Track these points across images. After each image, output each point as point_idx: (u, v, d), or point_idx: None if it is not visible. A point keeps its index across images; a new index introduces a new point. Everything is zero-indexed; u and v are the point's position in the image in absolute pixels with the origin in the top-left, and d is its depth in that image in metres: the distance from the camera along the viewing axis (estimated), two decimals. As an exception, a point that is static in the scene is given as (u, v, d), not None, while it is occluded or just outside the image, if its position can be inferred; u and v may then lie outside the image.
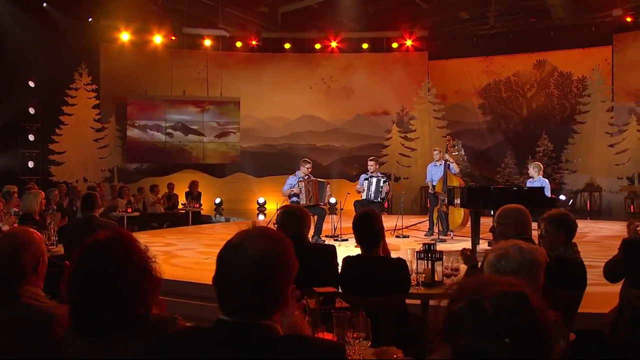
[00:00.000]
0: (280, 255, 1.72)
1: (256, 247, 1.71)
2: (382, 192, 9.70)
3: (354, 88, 18.80)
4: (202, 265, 7.37)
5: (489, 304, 1.24)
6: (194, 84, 18.01)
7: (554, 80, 17.60)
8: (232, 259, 1.71)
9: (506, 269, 2.16)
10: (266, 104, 18.31)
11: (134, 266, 2.02)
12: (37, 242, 2.45)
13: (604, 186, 15.74)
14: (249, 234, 1.80)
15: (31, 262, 2.41)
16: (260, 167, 18.29)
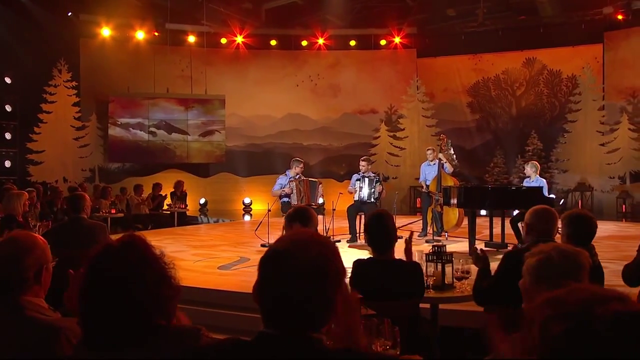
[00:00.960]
0: (330, 261, 1.61)
1: (305, 253, 1.59)
2: (375, 192, 9.59)
3: (342, 86, 18.73)
4: (196, 269, 7.20)
5: (603, 326, 1.04)
6: (178, 81, 17.79)
7: (544, 79, 17.70)
8: (279, 267, 1.59)
9: (552, 274, 2.06)
10: (252, 102, 18.16)
11: (152, 273, 1.89)
12: (41, 248, 2.30)
13: (595, 185, 15.83)
14: (295, 239, 1.67)
15: (34, 268, 2.26)
16: (245, 166, 18.18)
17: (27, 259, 2.24)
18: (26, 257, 2.24)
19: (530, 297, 2.14)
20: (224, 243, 9.84)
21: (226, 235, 11.24)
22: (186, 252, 8.72)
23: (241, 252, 8.72)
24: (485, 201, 8.09)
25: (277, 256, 1.63)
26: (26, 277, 2.23)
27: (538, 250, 2.16)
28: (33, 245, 2.27)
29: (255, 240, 9.65)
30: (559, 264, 2.06)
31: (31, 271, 2.24)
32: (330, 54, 18.62)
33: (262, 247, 8.99)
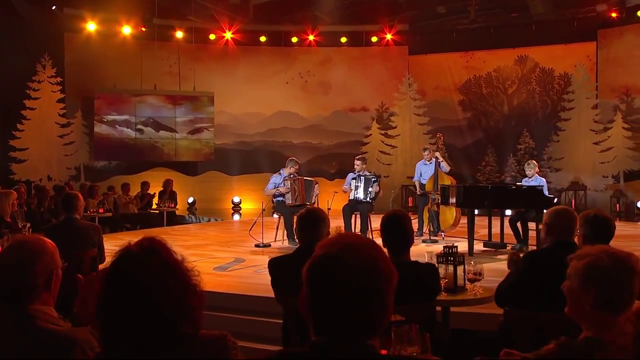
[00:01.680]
0: (383, 263, 1.57)
1: (358, 258, 1.54)
2: (371, 192, 9.53)
3: (332, 83, 18.64)
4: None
5: None
6: (166, 77, 17.59)
7: (536, 77, 17.71)
8: (332, 275, 1.52)
9: (602, 277, 1.99)
10: (241, 99, 18.01)
11: (176, 281, 1.80)
12: (50, 253, 2.19)
13: (588, 185, 15.88)
14: (343, 243, 1.61)
15: (44, 275, 2.14)
16: (235, 165, 18.04)
17: (36, 265, 2.13)
18: (35, 263, 2.13)
19: (577, 300, 2.07)
20: (216, 243, 9.73)
21: (218, 235, 11.13)
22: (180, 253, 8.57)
23: (235, 252, 8.62)
24: (485, 200, 8.06)
25: (329, 263, 1.56)
26: (36, 285, 2.12)
27: (585, 253, 2.09)
28: (42, 250, 2.16)
29: (248, 240, 9.56)
30: (610, 267, 1.99)
31: (41, 278, 2.13)
32: (320, 51, 18.51)
33: (257, 247, 8.91)
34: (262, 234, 9.07)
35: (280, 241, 9.35)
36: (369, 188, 9.53)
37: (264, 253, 8.46)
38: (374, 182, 9.60)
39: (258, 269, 7.05)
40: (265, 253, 8.46)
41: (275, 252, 8.58)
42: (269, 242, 9.21)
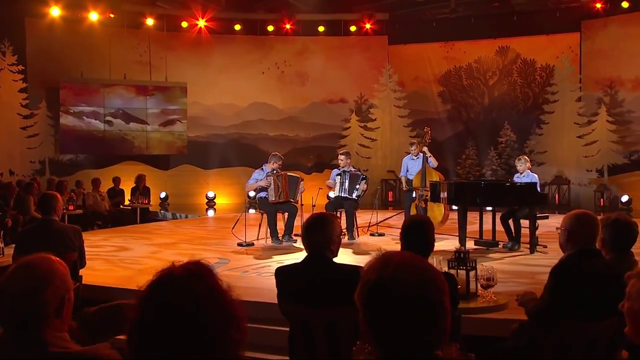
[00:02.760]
0: (438, 274, 1.59)
1: (414, 274, 1.55)
2: (359, 189, 9.41)
3: (310, 74, 18.47)
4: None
5: None
6: (136, 67, 17.20)
7: (517, 68, 17.81)
8: (394, 294, 1.53)
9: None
10: (215, 90, 17.74)
11: (221, 310, 1.68)
12: (61, 275, 2.00)
13: (572, 179, 16.04)
14: (394, 262, 1.58)
15: (54, 303, 1.96)
16: (208, 158, 17.81)
17: (46, 291, 1.94)
18: (45, 289, 1.94)
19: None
20: (196, 242, 9.52)
21: (195, 232, 10.92)
22: (160, 252, 8.37)
23: (218, 252, 8.43)
24: (478, 198, 7.99)
25: (389, 285, 1.54)
26: (46, 314, 1.93)
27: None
28: (52, 273, 1.97)
29: (229, 238, 9.37)
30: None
31: (51, 306, 1.94)
32: (297, 40, 18.32)
33: (239, 246, 8.73)
34: (245, 233, 8.89)
35: (263, 239, 9.18)
36: (357, 185, 9.42)
37: (248, 253, 8.29)
38: (362, 180, 9.48)
39: (244, 271, 6.88)
40: (250, 252, 8.28)
41: (258, 251, 8.43)
42: (252, 240, 9.03)
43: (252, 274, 6.69)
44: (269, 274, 6.62)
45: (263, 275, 6.58)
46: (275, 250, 8.57)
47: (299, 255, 7.99)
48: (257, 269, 7.00)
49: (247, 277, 6.52)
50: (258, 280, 6.32)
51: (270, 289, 5.80)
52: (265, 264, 7.36)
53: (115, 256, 8.01)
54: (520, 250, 8.19)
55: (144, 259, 7.80)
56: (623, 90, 15.90)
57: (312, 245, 3.55)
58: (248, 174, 17.20)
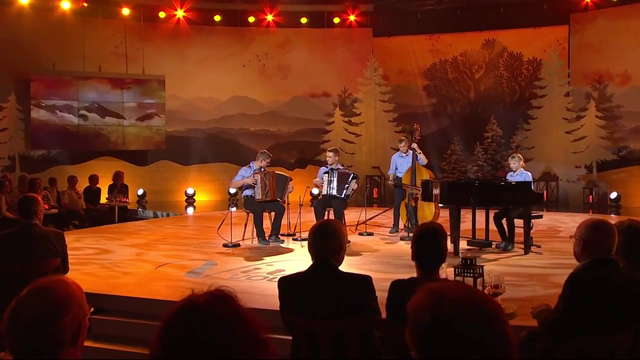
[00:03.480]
0: (503, 312, 1.52)
1: (475, 316, 1.45)
2: (348, 188, 9.37)
3: (292, 67, 18.36)
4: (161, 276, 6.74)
5: None
6: (111, 58, 16.91)
7: (504, 61, 17.86)
8: (449, 339, 1.44)
9: None
10: (194, 83, 17.53)
11: (250, 337, 1.61)
12: (78, 300, 1.90)
13: (560, 175, 16.17)
14: (450, 299, 1.48)
15: (71, 330, 1.86)
16: (188, 153, 17.63)
17: (62, 319, 1.83)
18: (62, 316, 1.83)
19: None
20: (180, 242, 9.38)
21: (178, 232, 10.77)
22: (144, 254, 8.22)
23: (203, 253, 8.33)
24: (471, 197, 7.98)
25: (446, 327, 1.45)
26: (61, 342, 1.83)
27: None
28: (69, 299, 1.87)
29: (214, 239, 9.28)
30: None
31: (67, 333, 1.84)
32: (279, 32, 18.17)
33: (225, 247, 8.64)
34: (231, 233, 8.79)
35: (249, 240, 9.09)
36: (346, 184, 9.36)
37: (234, 254, 8.19)
38: (353, 179, 9.43)
39: (232, 274, 6.78)
40: (237, 254, 8.19)
41: (245, 252, 8.34)
42: (238, 241, 8.93)
43: (241, 278, 6.60)
44: (259, 278, 6.56)
45: (253, 279, 6.50)
46: (263, 251, 8.49)
47: (288, 257, 7.99)
48: (246, 272, 6.91)
49: (236, 281, 6.42)
50: (249, 285, 6.23)
51: (263, 294, 5.77)
52: (254, 266, 7.27)
53: (97, 260, 7.84)
54: (514, 251, 8.21)
55: (128, 262, 7.65)
56: (612, 84, 16.02)
57: (320, 253, 3.50)
58: (229, 170, 17.36)
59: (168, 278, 6.68)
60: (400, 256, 7.94)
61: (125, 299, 5.76)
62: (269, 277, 6.60)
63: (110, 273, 6.97)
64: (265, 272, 6.86)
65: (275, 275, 6.66)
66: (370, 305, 3.50)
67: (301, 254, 8.23)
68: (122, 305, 5.75)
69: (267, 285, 6.21)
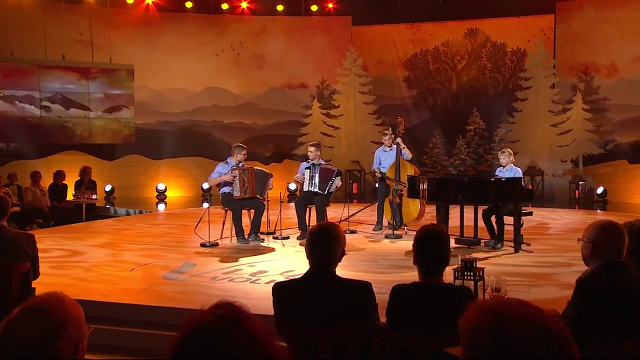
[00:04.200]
0: (567, 330, 1.43)
1: (541, 337, 1.38)
2: (332, 185, 9.37)
3: (268, 57, 18.26)
4: (136, 280, 6.63)
5: None
6: (76, 46, 16.60)
7: (487, 52, 17.96)
8: None
9: None
10: (165, 73, 17.33)
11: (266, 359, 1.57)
12: (76, 321, 1.81)
13: (546, 169, 16.31)
14: (511, 319, 1.40)
15: (68, 351, 1.77)
16: (158, 147, 17.44)
17: (58, 341, 1.74)
18: (58, 338, 1.74)
19: None
20: (155, 242, 9.24)
21: (152, 230, 10.65)
22: (119, 255, 8.08)
23: (180, 253, 8.22)
24: (460, 194, 7.99)
25: (510, 350, 1.36)
26: None
27: None
28: (66, 319, 1.78)
29: (190, 238, 9.17)
30: None
31: (63, 356, 1.75)
32: (254, 20, 18.05)
33: (203, 247, 8.55)
34: (209, 232, 8.69)
35: (227, 239, 9.02)
36: (330, 181, 9.34)
37: (213, 254, 8.10)
38: (337, 177, 9.42)
39: (213, 276, 6.70)
40: (215, 254, 8.10)
41: (224, 252, 8.25)
42: (216, 240, 8.84)
43: (223, 280, 6.51)
44: (242, 280, 6.50)
45: (236, 282, 6.42)
46: (242, 250, 8.42)
47: (269, 257, 7.93)
48: (227, 273, 6.83)
49: (218, 284, 6.34)
50: (231, 288, 6.16)
51: (247, 298, 5.71)
52: (234, 267, 7.20)
53: (68, 262, 7.67)
54: (503, 249, 8.25)
55: (102, 264, 7.50)
56: (599, 76, 16.20)
57: (319, 259, 3.44)
58: (201, 164, 17.24)
59: (145, 281, 6.58)
60: (386, 255, 7.94)
61: (100, 305, 5.63)
62: (252, 279, 6.53)
63: (83, 276, 6.83)
64: (247, 274, 6.79)
65: (258, 277, 6.61)
66: (370, 312, 3.47)
67: (283, 254, 8.19)
68: (97, 311, 5.61)
69: (251, 287, 6.15)
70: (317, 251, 3.46)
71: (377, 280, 5.14)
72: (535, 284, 6.27)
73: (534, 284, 6.23)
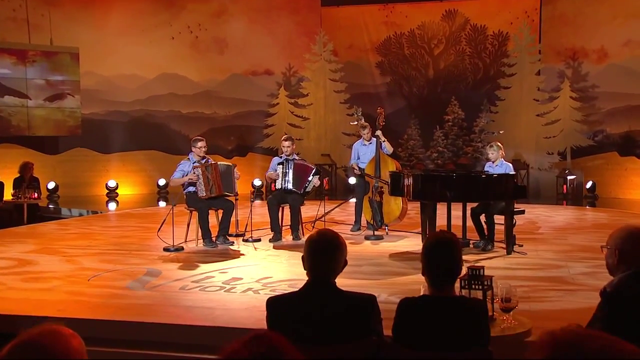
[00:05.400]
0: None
1: None
2: (309, 184, 9.39)
3: (229, 40, 18.16)
4: (94, 291, 6.47)
5: None
6: (9, 25, 16.22)
7: (466, 35, 18.07)
8: None
9: None
10: (114, 57, 17.06)
11: None
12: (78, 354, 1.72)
13: (531, 162, 16.53)
14: (593, 350, 1.37)
15: None
16: (108, 140, 17.25)
17: None
18: None
19: None
20: (112, 246, 9.06)
21: (108, 233, 10.45)
22: (76, 263, 7.88)
23: (143, 258, 8.08)
24: (448, 191, 8.00)
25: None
26: None
27: None
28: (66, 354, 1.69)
29: (152, 242, 9.05)
30: None
31: None
32: (214, 0, 17.87)
33: (166, 251, 8.42)
34: (173, 234, 8.57)
35: (193, 242, 8.91)
36: (307, 179, 9.34)
37: (178, 260, 7.98)
38: (315, 175, 9.43)
39: (182, 285, 6.58)
40: (181, 259, 7.98)
41: (191, 257, 8.13)
42: (180, 243, 8.72)
43: (194, 289, 6.41)
44: (215, 288, 6.40)
45: (209, 291, 6.32)
46: (211, 255, 8.33)
47: (242, 262, 7.85)
48: (197, 281, 6.72)
49: (189, 294, 6.24)
50: (205, 298, 6.06)
51: (224, 309, 5.64)
52: (204, 274, 7.09)
53: (14, 273, 7.44)
54: (494, 251, 8.31)
55: (54, 274, 7.28)
56: (587, 62, 16.46)
57: (319, 271, 3.39)
58: (156, 159, 17.04)
59: (106, 292, 6.41)
60: (370, 258, 7.92)
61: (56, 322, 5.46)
62: (225, 287, 6.44)
63: (32, 288, 6.63)
64: (220, 282, 6.69)
65: (232, 285, 6.53)
66: (375, 327, 3.44)
67: (256, 258, 8.12)
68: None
69: (226, 297, 6.07)
70: (317, 262, 3.41)
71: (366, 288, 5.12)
72: (538, 290, 6.29)
73: (537, 290, 6.25)
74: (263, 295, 6.05)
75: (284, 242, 9.23)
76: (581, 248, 8.59)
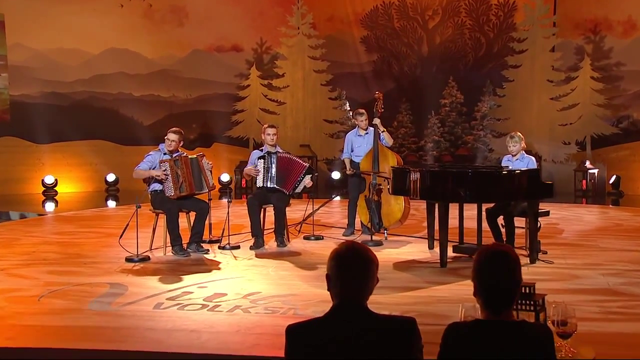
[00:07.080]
0: None
1: None
2: (299, 184, 9.45)
3: (189, 10, 18.18)
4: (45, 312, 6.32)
5: None
6: None
7: (466, 5, 18.11)
8: None
9: None
10: (50, 28, 16.92)
11: None
12: None
13: (544, 154, 16.65)
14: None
15: None
16: (44, 127, 17.03)
17: None
18: None
19: None
20: (61, 257, 8.90)
21: (52, 241, 10.23)
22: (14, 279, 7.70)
23: (101, 272, 7.93)
24: (462, 190, 7.96)
25: None
26: None
27: None
28: None
29: (110, 251, 8.93)
30: None
31: None
32: (171, -40, 17.87)
33: (129, 262, 8.30)
34: (137, 242, 8.44)
35: (160, 249, 8.80)
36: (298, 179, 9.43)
37: (145, 272, 7.86)
38: (308, 174, 9.47)
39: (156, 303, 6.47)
40: (148, 272, 7.86)
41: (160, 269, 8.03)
42: (145, 252, 8.61)
43: (170, 308, 6.30)
44: (196, 307, 6.31)
45: (189, 310, 6.22)
46: (183, 265, 8.25)
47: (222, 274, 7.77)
48: (173, 298, 6.62)
49: (165, 314, 6.13)
50: (186, 319, 5.96)
51: (210, 332, 5.55)
52: (180, 289, 6.98)
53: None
54: (516, 260, 8.31)
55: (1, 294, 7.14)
56: (611, 35, 16.58)
57: (348, 293, 3.32)
58: (104, 150, 16.89)
59: (63, 313, 6.24)
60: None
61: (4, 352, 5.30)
62: (209, 305, 6.34)
63: None
64: (200, 298, 6.60)
65: (216, 302, 6.43)
66: (416, 356, 3.39)
67: (236, 269, 8.06)
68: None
69: (212, 318, 5.97)
70: (348, 281, 3.33)
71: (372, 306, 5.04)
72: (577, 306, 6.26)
73: (576, 306, 6.22)
74: (254, 314, 6.00)
75: (267, 250, 9.18)
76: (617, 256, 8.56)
